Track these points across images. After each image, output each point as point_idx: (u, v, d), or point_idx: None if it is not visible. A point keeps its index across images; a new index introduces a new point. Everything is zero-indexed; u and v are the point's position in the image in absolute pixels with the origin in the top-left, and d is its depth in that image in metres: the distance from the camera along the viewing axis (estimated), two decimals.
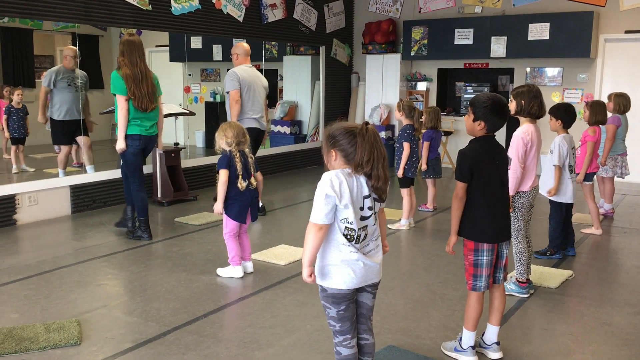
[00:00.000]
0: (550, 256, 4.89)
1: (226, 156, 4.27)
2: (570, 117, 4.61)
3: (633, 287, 4.29)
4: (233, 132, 4.25)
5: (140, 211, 5.31)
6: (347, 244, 2.38)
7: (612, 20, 8.41)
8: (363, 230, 2.40)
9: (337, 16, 9.99)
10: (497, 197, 3.00)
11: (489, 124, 2.94)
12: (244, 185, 4.26)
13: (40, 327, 3.41)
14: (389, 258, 4.96)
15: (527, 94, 3.83)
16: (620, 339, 3.39)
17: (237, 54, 6.23)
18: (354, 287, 2.44)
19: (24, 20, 6.08)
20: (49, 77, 6.44)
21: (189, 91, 9.12)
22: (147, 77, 5.12)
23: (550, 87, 8.92)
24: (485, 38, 8.97)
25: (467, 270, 3.03)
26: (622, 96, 6.20)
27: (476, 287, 3.00)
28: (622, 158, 6.29)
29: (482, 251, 2.97)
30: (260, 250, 4.99)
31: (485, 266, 2.98)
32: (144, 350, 3.20)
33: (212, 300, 3.95)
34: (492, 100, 2.93)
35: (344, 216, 2.35)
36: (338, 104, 10.23)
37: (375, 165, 2.32)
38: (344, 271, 2.40)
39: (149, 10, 6.81)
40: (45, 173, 6.70)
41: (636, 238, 5.61)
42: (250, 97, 6.10)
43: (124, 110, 5.04)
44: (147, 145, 5.26)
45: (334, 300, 2.45)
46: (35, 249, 5.12)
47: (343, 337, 2.50)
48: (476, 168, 2.92)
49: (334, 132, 2.37)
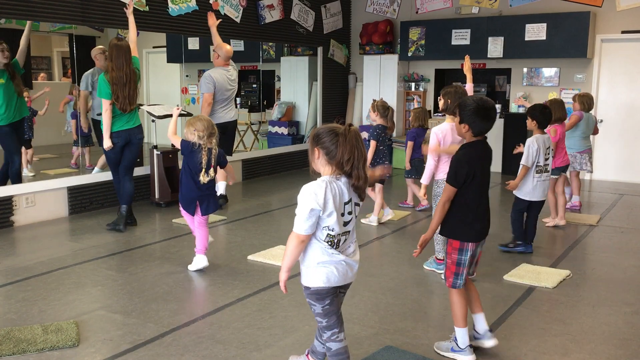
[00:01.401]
0: (513, 248, 5.02)
1: (188, 142, 4.31)
2: (544, 117, 4.91)
3: (630, 286, 4.30)
4: (203, 125, 4.32)
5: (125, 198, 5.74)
6: (329, 248, 2.50)
7: (608, 20, 8.43)
8: (344, 235, 2.52)
9: (334, 17, 10.00)
10: (484, 198, 3.11)
11: (473, 126, 2.99)
12: (206, 179, 4.38)
13: (38, 328, 3.40)
14: (386, 259, 4.97)
15: (454, 94, 4.19)
16: (618, 339, 3.40)
17: (218, 55, 6.70)
18: (336, 285, 2.55)
19: (21, 21, 6.07)
20: (86, 80, 6.60)
21: (187, 92, 9.11)
22: (130, 80, 5.45)
23: (547, 87, 8.94)
24: (482, 38, 8.98)
25: (449, 269, 3.08)
26: (586, 95, 6.49)
27: (456, 285, 3.07)
28: (581, 155, 6.47)
29: (466, 251, 3.04)
30: (258, 251, 4.99)
31: (467, 265, 3.06)
32: (142, 351, 3.19)
33: (210, 301, 3.95)
34: (476, 104, 2.98)
35: (326, 224, 2.46)
36: (335, 105, 10.24)
37: (355, 164, 2.42)
38: (326, 270, 2.51)
39: (146, 11, 6.80)
40: (42, 174, 6.69)
41: (633, 237, 5.62)
42: (222, 98, 6.63)
43: (108, 112, 5.41)
44: (129, 139, 5.58)
45: (318, 297, 2.56)
46: (32, 250, 5.11)
47: (331, 331, 2.61)
48: (471, 173, 2.99)
49: (318, 131, 2.49)
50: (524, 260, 4.78)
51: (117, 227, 5.63)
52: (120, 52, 5.37)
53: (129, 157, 5.69)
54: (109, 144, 5.46)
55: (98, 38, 7.35)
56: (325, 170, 2.49)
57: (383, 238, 5.54)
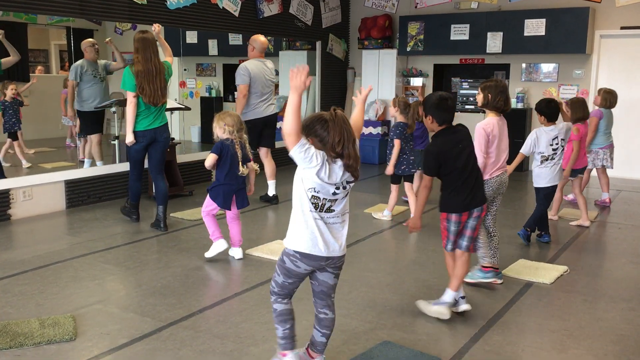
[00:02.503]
0: (542, 238, 5.20)
1: (220, 143, 4.35)
2: (550, 110, 4.96)
3: (627, 282, 4.31)
4: (233, 119, 4.37)
5: (133, 197, 5.67)
6: (314, 211, 2.59)
7: (607, 16, 8.41)
8: (330, 202, 2.60)
9: (333, 11, 9.97)
10: (464, 176, 3.44)
11: (436, 117, 3.43)
12: (246, 171, 4.47)
13: (35, 322, 3.40)
14: (384, 254, 4.97)
15: (494, 88, 4.01)
16: (615, 334, 3.40)
17: (254, 47, 6.49)
18: (314, 255, 2.62)
19: (18, 14, 6.04)
20: (75, 71, 6.61)
21: (185, 86, 9.09)
22: (160, 72, 5.28)
23: (546, 82, 8.93)
24: (481, 34, 8.97)
25: (442, 233, 3.60)
26: (611, 93, 6.48)
27: (447, 248, 3.60)
28: (603, 151, 6.49)
29: (451, 221, 3.51)
30: (256, 245, 4.99)
31: (453, 233, 3.53)
32: (140, 345, 3.19)
33: (208, 295, 3.95)
34: (437, 98, 3.45)
35: (310, 185, 2.56)
36: (334, 100, 10.21)
37: (346, 144, 2.51)
38: (309, 235, 2.61)
39: (144, 4, 6.77)
40: (40, 167, 6.68)
41: (630, 233, 5.63)
42: (259, 90, 6.38)
43: (132, 106, 5.25)
44: (154, 139, 5.41)
45: (286, 273, 2.71)
46: (29, 244, 5.10)
47: (276, 296, 2.78)
48: (442, 160, 3.40)
49: (306, 122, 2.57)
50: (522, 255, 4.79)
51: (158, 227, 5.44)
52: (147, 44, 5.21)
53: (156, 156, 5.51)
54: (131, 138, 5.30)
55: (96, 31, 7.33)
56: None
57: (381, 233, 5.54)
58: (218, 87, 9.69)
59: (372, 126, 9.63)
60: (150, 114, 5.33)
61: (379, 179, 8.40)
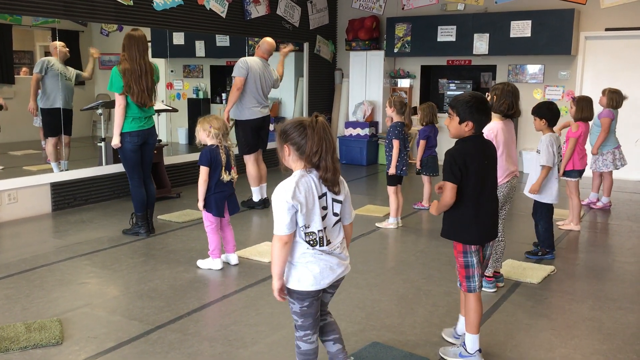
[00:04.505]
0: (542, 256, 4.77)
1: (207, 152, 4.27)
2: (553, 114, 4.58)
3: (614, 282, 4.34)
4: (219, 123, 4.29)
5: (138, 207, 5.33)
6: (311, 248, 2.42)
7: (592, 18, 8.49)
8: (323, 232, 2.43)
9: (320, 12, 9.97)
10: (485, 196, 2.93)
11: (477, 123, 2.86)
12: (228, 177, 4.35)
13: (21, 326, 3.36)
14: (373, 254, 4.97)
15: (500, 91, 3.84)
16: (602, 334, 3.43)
17: (259, 46, 6.45)
18: (321, 288, 2.48)
19: (3, 15, 5.98)
20: (41, 65, 6.48)
21: (172, 87, 9.05)
22: (147, 72, 5.08)
23: (532, 84, 8.99)
24: (468, 35, 9.01)
25: (460, 273, 2.98)
26: (617, 92, 6.40)
27: (471, 289, 2.95)
28: (618, 151, 6.49)
29: (470, 253, 2.93)
30: (245, 247, 4.97)
31: (477, 266, 2.94)
32: (127, 349, 3.16)
33: (196, 298, 3.93)
34: (475, 99, 2.87)
35: (301, 223, 2.39)
36: (322, 101, 10.22)
37: (323, 156, 2.35)
38: (311, 272, 2.43)
39: (131, 5, 6.73)
40: (25, 170, 6.60)
41: (617, 233, 5.67)
42: (254, 88, 6.26)
43: (120, 108, 5.06)
44: (146, 139, 5.28)
45: (298, 297, 2.48)
46: (15, 247, 5.04)
47: (304, 332, 2.55)
48: (465, 168, 2.83)
49: (285, 127, 2.41)
50: (509, 256, 4.80)
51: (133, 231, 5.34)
52: (132, 42, 5.01)
53: (145, 159, 5.38)
54: (116, 141, 5.09)
55: (82, 32, 7.28)
56: (296, 165, 2.43)
57: (370, 234, 5.54)
58: (205, 89, 9.64)
59: (359, 127, 9.64)
60: (142, 117, 5.19)
61: (366, 180, 8.41)
